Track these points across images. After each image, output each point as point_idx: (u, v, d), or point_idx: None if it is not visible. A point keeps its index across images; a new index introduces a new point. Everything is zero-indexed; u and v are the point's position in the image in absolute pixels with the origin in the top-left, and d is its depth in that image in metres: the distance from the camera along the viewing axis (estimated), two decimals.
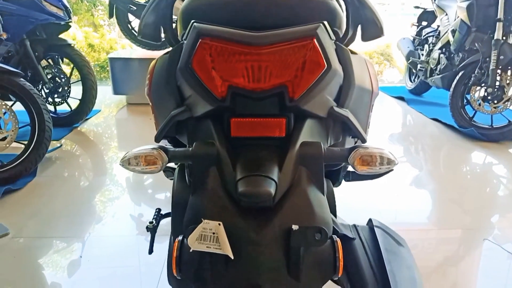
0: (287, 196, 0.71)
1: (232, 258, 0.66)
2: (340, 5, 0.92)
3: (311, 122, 0.80)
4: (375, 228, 0.99)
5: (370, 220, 1.03)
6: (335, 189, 1.30)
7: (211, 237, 0.67)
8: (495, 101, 3.12)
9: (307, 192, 0.73)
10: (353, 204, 2.16)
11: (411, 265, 0.93)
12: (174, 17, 0.97)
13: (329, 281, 0.81)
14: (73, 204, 2.19)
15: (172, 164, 0.89)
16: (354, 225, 1.00)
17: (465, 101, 3.30)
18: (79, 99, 3.37)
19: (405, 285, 0.86)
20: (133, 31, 4.19)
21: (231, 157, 0.74)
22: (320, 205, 0.74)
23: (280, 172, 0.71)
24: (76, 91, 3.41)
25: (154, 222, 1.13)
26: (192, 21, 0.79)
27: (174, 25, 0.97)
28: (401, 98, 4.55)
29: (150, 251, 1.14)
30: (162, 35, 0.96)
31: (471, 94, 3.24)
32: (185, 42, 0.80)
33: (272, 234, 0.69)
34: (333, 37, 0.82)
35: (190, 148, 0.76)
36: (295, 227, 0.68)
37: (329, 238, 0.74)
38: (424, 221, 2.09)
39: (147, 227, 1.12)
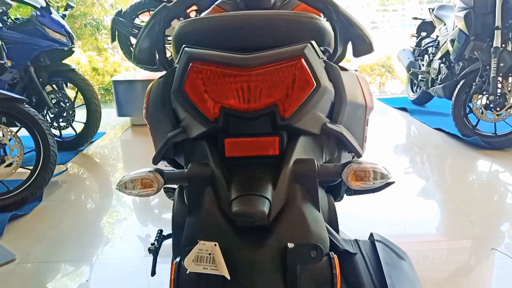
0: (282, 214, 0.72)
1: (229, 278, 0.66)
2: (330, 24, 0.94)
3: (305, 139, 0.81)
4: (376, 243, 0.99)
5: (371, 235, 1.03)
6: (336, 204, 1.31)
7: (207, 258, 0.67)
8: (498, 109, 3.12)
9: (302, 209, 0.74)
10: (359, 216, 2.15)
11: (412, 278, 0.92)
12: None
13: None
14: (80, 227, 2.21)
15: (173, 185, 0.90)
16: (356, 240, 1.00)
17: (467, 109, 3.30)
18: (84, 123, 3.41)
19: None
20: None
21: (225, 177, 0.75)
22: (316, 221, 0.75)
23: (274, 191, 0.72)
24: (81, 114, 3.46)
25: (156, 243, 1.13)
26: (183, 45, 0.81)
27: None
28: (404, 109, 4.55)
29: (153, 273, 1.14)
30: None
31: (473, 103, 3.23)
32: (177, 66, 0.82)
33: (268, 253, 0.69)
34: (322, 55, 0.84)
35: (186, 170, 0.77)
36: (290, 245, 0.69)
37: (325, 254, 0.74)
38: (432, 231, 2.07)
39: (149, 249, 1.12)
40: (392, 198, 2.34)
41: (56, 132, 3.44)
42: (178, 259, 0.74)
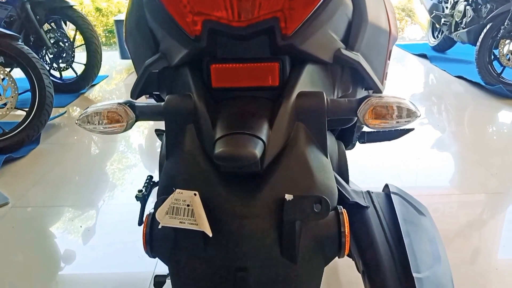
0: (279, 159, 0.58)
1: (210, 235, 0.53)
2: None
3: (312, 68, 0.65)
4: (392, 195, 0.85)
5: (386, 186, 0.89)
6: (347, 152, 1.17)
7: (185, 210, 0.54)
8: None
9: (305, 153, 0.59)
10: (369, 167, 2.02)
11: (433, 238, 0.79)
12: None
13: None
14: (78, 171, 2.12)
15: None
16: (368, 192, 0.86)
17: (492, 56, 3.07)
18: (84, 64, 3.25)
19: (426, 262, 0.72)
20: None
21: (211, 112, 0.60)
22: (322, 169, 0.60)
23: (271, 130, 0.57)
24: (82, 56, 3.29)
25: (144, 190, 1.01)
26: None
27: None
28: (423, 56, 4.29)
29: (140, 222, 1.03)
30: None
31: (499, 49, 3.01)
32: None
33: (260, 206, 0.56)
34: None
35: (163, 103, 0.63)
36: (288, 196, 0.55)
37: (332, 209, 0.61)
38: (447, 185, 1.94)
39: (136, 196, 1.01)
40: (404, 150, 2.19)
41: (57, 74, 3.30)
42: (151, 210, 0.61)
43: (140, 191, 1.01)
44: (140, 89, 0.73)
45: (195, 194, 0.54)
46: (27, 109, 2.32)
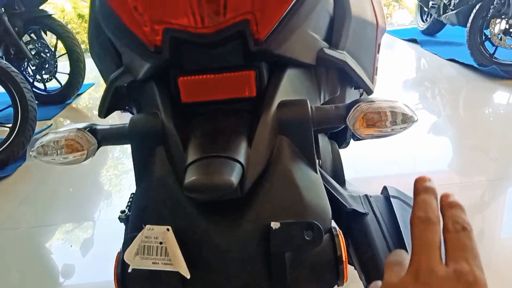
0: (263, 180, 0.51)
1: (188, 277, 0.47)
2: None
3: (293, 73, 0.58)
4: (391, 199, 0.79)
5: (385, 188, 0.83)
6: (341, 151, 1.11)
7: (157, 248, 0.47)
8: None
9: (291, 171, 0.52)
10: (365, 155, 1.95)
11: None
12: None
13: None
14: (67, 187, 2.05)
15: None
16: (366, 196, 0.80)
17: (484, 37, 3.01)
18: (68, 74, 3.17)
19: None
20: None
21: (181, 132, 0.53)
22: (311, 187, 0.54)
23: (250, 148, 0.50)
24: (66, 65, 3.21)
25: (127, 210, 0.94)
26: None
27: None
28: (413, 41, 4.23)
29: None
30: None
31: (490, 29, 2.94)
32: None
33: (244, 237, 0.49)
34: None
35: (127, 124, 0.56)
36: (275, 225, 0.49)
37: (326, 231, 0.54)
38: (445, 169, 1.89)
39: (119, 217, 0.94)
40: (401, 136, 2.12)
41: (41, 86, 3.23)
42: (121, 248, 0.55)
43: (123, 211, 0.95)
44: (109, 106, 0.66)
45: (168, 230, 0.48)
46: (10, 125, 2.25)
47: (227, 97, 0.55)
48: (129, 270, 0.49)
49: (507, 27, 2.84)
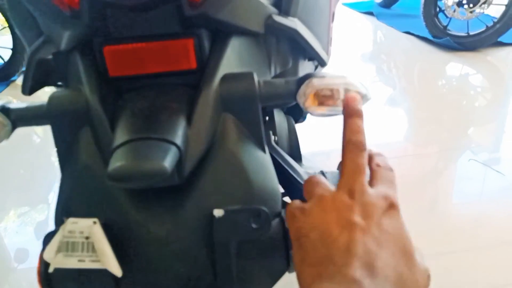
0: (205, 163, 0.46)
1: (119, 275, 0.42)
2: None
3: (239, 42, 0.52)
4: None
5: (340, 164, 0.81)
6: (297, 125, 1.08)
7: (83, 244, 0.42)
8: (471, 5, 2.86)
9: (236, 152, 0.47)
10: (322, 129, 1.94)
11: None
12: None
13: None
14: (16, 172, 1.93)
15: None
16: (322, 172, 0.78)
17: (438, 8, 3.04)
18: (11, 49, 2.96)
19: None
20: None
21: (108, 111, 0.46)
22: (260, 169, 0.49)
23: (190, 128, 0.45)
24: (8, 40, 2.99)
25: None
26: None
27: None
28: (370, 13, 4.23)
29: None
30: None
31: (444, 1, 2.97)
32: None
33: (184, 227, 0.45)
34: None
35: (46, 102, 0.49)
36: (218, 212, 0.44)
37: (276, 215, 0.50)
38: (401, 141, 1.92)
39: None
40: None
41: None
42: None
43: None
44: (33, 82, 0.57)
45: (94, 223, 0.42)
46: None
47: (162, 70, 0.48)
48: (50, 270, 0.43)
49: None
